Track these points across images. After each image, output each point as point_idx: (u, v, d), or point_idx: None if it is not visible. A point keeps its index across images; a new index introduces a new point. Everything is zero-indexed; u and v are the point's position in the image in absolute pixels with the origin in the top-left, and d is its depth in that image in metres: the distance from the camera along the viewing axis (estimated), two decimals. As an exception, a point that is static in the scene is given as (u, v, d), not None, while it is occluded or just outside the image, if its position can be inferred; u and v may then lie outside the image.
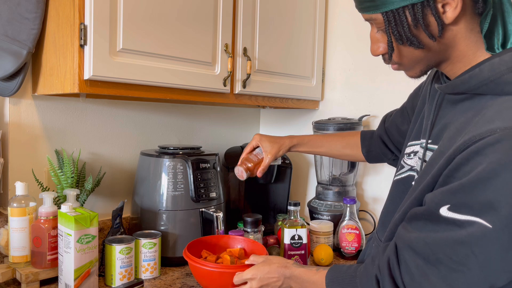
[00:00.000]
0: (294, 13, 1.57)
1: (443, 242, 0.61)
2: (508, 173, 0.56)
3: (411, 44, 0.69)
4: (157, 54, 1.15)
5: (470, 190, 0.59)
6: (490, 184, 0.57)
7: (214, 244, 1.24)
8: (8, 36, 1.10)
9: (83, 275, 1.04)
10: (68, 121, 1.34)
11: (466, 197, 0.60)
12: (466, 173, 0.60)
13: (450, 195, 0.62)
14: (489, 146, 0.59)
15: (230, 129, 1.87)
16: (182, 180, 1.29)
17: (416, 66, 0.74)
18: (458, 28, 0.68)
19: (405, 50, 0.71)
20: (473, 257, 0.59)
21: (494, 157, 0.57)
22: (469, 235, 0.59)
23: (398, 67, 0.76)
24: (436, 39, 0.68)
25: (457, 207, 0.61)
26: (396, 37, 0.70)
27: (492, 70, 0.65)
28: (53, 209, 1.11)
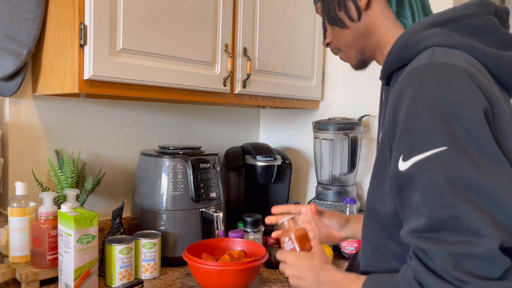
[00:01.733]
0: (294, 13, 1.57)
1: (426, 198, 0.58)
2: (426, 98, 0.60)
3: (337, 24, 0.83)
4: (157, 54, 1.15)
5: (407, 130, 0.61)
6: (418, 114, 0.60)
7: (214, 246, 1.25)
8: (8, 36, 1.10)
9: (83, 275, 1.04)
10: (68, 121, 1.34)
11: (408, 139, 0.61)
12: (399, 120, 0.63)
13: (398, 146, 0.63)
14: (403, 89, 0.64)
15: (230, 129, 1.86)
16: (182, 180, 1.29)
17: (350, 51, 0.85)
18: (374, 14, 0.79)
19: (335, 31, 0.85)
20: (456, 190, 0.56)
21: (411, 91, 0.62)
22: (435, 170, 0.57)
23: (340, 55, 0.88)
24: (354, 21, 0.81)
25: (408, 152, 0.61)
26: (327, 19, 0.84)
27: (403, 37, 0.72)
28: (53, 209, 1.11)
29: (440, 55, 0.65)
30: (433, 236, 0.58)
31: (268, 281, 1.21)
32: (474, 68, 0.64)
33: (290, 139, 1.90)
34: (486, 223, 0.54)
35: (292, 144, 1.89)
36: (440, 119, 0.58)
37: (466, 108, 0.58)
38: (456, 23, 0.70)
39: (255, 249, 1.21)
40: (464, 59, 0.65)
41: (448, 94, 0.59)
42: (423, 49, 0.70)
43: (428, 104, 0.60)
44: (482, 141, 0.57)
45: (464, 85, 0.60)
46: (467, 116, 0.58)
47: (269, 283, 1.20)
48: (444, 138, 0.58)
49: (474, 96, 0.60)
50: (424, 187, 0.58)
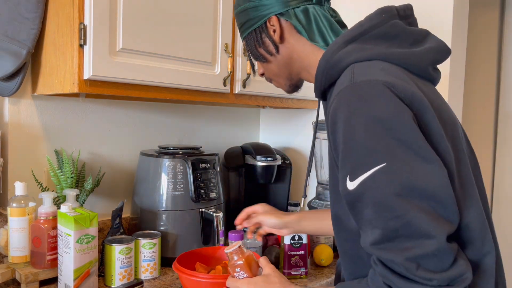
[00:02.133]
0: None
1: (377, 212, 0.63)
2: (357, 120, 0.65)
3: (259, 59, 0.90)
4: (157, 54, 1.15)
5: (347, 153, 0.66)
6: (353, 137, 0.65)
7: (209, 256, 1.17)
8: (8, 36, 1.10)
9: (83, 275, 1.04)
10: (67, 121, 1.34)
11: (350, 161, 0.66)
12: (339, 144, 0.68)
13: (343, 169, 0.67)
14: (335, 113, 0.68)
15: (230, 129, 1.86)
16: (182, 180, 1.29)
17: (279, 79, 0.92)
18: (290, 45, 0.86)
19: (262, 65, 0.92)
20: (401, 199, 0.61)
21: (342, 116, 0.67)
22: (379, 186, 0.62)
23: (274, 84, 0.94)
24: (274, 55, 0.87)
25: (352, 173, 0.65)
26: (252, 56, 0.91)
27: (324, 60, 0.78)
28: (53, 209, 1.10)
29: (359, 73, 0.70)
30: (390, 246, 0.62)
31: (268, 281, 1.21)
32: (392, 75, 0.69)
33: (290, 139, 1.90)
34: (432, 224, 0.61)
35: (292, 144, 1.89)
36: (374, 135, 0.63)
37: (393, 119, 0.63)
38: (366, 36, 0.76)
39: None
40: (381, 69, 0.70)
41: (376, 110, 0.64)
42: (344, 68, 0.75)
43: (361, 122, 0.64)
44: (415, 147, 0.63)
45: (388, 98, 0.65)
46: (396, 127, 0.63)
47: (269, 283, 1.19)
48: (381, 155, 0.63)
49: (398, 106, 0.65)
50: (374, 203, 0.63)
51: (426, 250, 0.60)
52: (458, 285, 0.62)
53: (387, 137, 0.63)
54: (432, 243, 0.60)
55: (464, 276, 0.62)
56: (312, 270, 1.31)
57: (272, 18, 0.84)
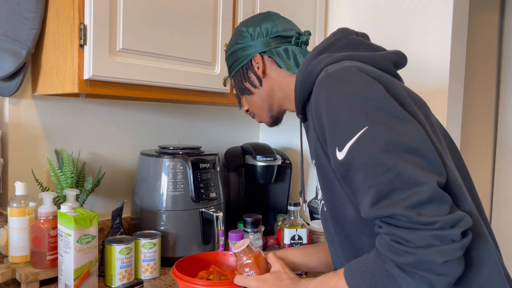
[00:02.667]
0: (294, 13, 1.57)
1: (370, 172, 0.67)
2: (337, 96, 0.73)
3: (245, 92, 1.01)
4: (157, 54, 1.15)
5: (332, 127, 0.72)
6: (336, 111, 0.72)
7: (211, 261, 1.10)
8: (8, 36, 1.10)
9: (83, 275, 1.04)
10: (68, 121, 1.34)
11: (336, 133, 0.72)
12: (324, 122, 0.74)
13: (331, 143, 0.73)
14: (316, 99, 0.76)
15: (230, 129, 1.86)
16: (182, 180, 1.29)
17: (262, 113, 1.02)
18: (271, 78, 0.97)
19: (246, 98, 1.03)
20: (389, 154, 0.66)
21: (323, 97, 0.75)
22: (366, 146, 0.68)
23: (257, 119, 1.05)
24: (257, 87, 0.99)
25: (340, 143, 0.71)
26: (238, 90, 1.03)
27: (300, 72, 0.86)
28: (53, 209, 1.10)
29: (332, 68, 0.79)
30: (387, 202, 0.65)
31: (268, 281, 1.21)
32: (359, 64, 0.78)
33: (290, 139, 1.90)
34: (421, 172, 0.65)
35: (292, 144, 1.89)
36: (354, 107, 0.70)
37: (369, 91, 0.72)
38: (333, 47, 0.86)
39: None
40: (351, 63, 0.79)
41: (352, 87, 0.73)
42: (318, 73, 0.82)
43: (340, 100, 0.72)
44: (392, 110, 0.70)
45: (360, 76, 0.74)
46: (373, 96, 0.71)
47: (269, 283, 1.19)
48: (363, 120, 0.69)
49: (370, 81, 0.73)
50: (364, 164, 0.67)
51: (421, 197, 0.63)
52: (462, 226, 0.63)
53: (365, 106, 0.70)
54: (425, 189, 0.63)
55: (466, 219, 0.64)
56: (312, 270, 1.31)
57: (256, 56, 0.97)
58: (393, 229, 0.65)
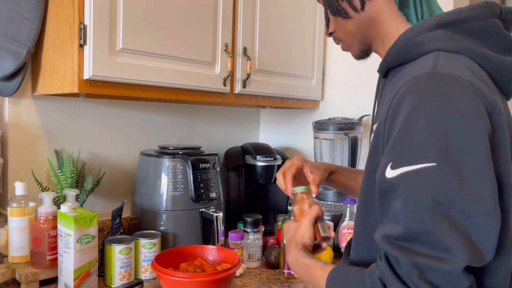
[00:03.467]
0: (294, 12, 1.57)
1: (406, 209, 0.59)
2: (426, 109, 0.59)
3: (339, 14, 0.82)
4: (157, 54, 1.15)
5: (401, 139, 0.61)
6: (415, 125, 0.59)
7: (190, 254, 1.19)
8: (8, 36, 1.10)
9: (83, 275, 1.04)
10: (67, 121, 1.34)
11: (400, 148, 0.61)
12: (396, 127, 0.62)
13: (389, 153, 0.63)
14: (403, 96, 0.63)
15: (230, 129, 1.86)
16: (182, 180, 1.29)
17: (353, 42, 0.84)
18: (377, 4, 0.78)
19: (338, 22, 0.84)
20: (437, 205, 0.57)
21: (411, 100, 0.61)
22: (420, 184, 0.58)
23: (342, 46, 0.88)
24: (358, 11, 0.79)
25: (397, 161, 0.61)
26: (329, 9, 0.83)
27: (406, 37, 0.72)
28: (53, 209, 1.10)
29: (444, 64, 0.64)
30: (404, 245, 0.59)
31: (268, 281, 1.21)
32: (476, 77, 0.63)
33: (290, 139, 1.90)
34: (459, 243, 0.56)
35: (292, 144, 1.89)
36: (435, 133, 0.58)
37: (464, 125, 0.58)
38: (460, 26, 0.69)
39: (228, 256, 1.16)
40: (467, 67, 0.64)
41: (449, 108, 0.58)
42: (425, 52, 0.69)
43: (427, 116, 0.59)
44: (474, 161, 0.57)
45: (467, 100, 0.59)
46: (464, 134, 0.57)
47: (269, 283, 1.20)
48: (435, 154, 0.57)
49: (475, 112, 0.59)
50: (406, 198, 0.59)
51: (438, 265, 0.56)
52: None
53: (449, 140, 0.57)
54: (450, 261, 0.56)
55: None
56: (312, 270, 1.31)
57: None
58: (388, 271, 0.60)
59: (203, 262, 1.16)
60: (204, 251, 1.20)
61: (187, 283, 1.01)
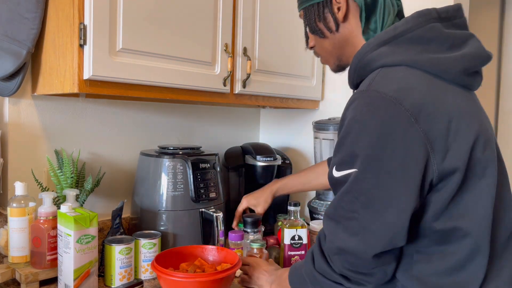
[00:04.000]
0: (294, 12, 1.57)
1: (339, 198, 0.76)
2: (356, 125, 0.72)
3: (317, 33, 0.90)
4: (157, 54, 1.15)
5: (340, 148, 0.76)
6: (350, 137, 0.73)
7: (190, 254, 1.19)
8: (8, 36, 1.10)
9: (83, 275, 1.04)
10: (67, 121, 1.34)
11: (340, 155, 0.76)
12: (339, 137, 0.77)
13: (334, 157, 0.79)
14: (347, 109, 0.75)
15: (230, 129, 1.86)
16: (182, 180, 1.29)
17: (329, 58, 0.92)
18: (350, 26, 0.86)
19: (316, 39, 0.92)
20: (357, 202, 0.73)
21: (350, 115, 0.73)
22: (349, 183, 0.74)
23: (321, 60, 0.96)
24: (333, 32, 0.87)
25: (339, 165, 0.76)
26: (308, 28, 0.91)
27: (356, 58, 0.81)
28: (53, 209, 1.10)
29: (378, 81, 0.73)
30: (332, 225, 0.78)
31: (268, 281, 1.21)
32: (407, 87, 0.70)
33: (290, 139, 1.90)
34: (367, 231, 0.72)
35: (292, 144, 1.89)
36: (361, 144, 0.71)
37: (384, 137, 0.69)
38: (399, 39, 0.76)
39: (228, 256, 1.17)
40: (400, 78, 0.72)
41: (373, 123, 0.70)
42: (373, 69, 0.78)
43: (356, 131, 0.72)
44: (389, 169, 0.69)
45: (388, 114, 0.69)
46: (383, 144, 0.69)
47: (269, 284, 1.19)
48: (359, 162, 0.72)
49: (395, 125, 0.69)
50: (342, 191, 0.76)
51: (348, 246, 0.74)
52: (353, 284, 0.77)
53: (372, 150, 0.70)
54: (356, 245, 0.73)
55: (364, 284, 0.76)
56: (312, 270, 1.31)
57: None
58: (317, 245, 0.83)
59: (203, 262, 1.16)
60: (204, 251, 1.20)
61: (187, 283, 1.01)
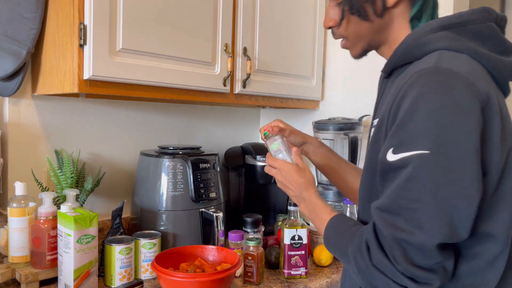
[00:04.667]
0: (294, 13, 1.57)
1: (398, 187, 0.67)
2: (426, 102, 0.65)
3: (359, 14, 0.83)
4: (157, 54, 1.15)
5: (402, 128, 0.67)
6: (417, 115, 0.65)
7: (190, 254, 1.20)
8: (8, 36, 1.10)
9: (83, 275, 1.04)
10: (67, 121, 1.34)
11: (401, 135, 0.67)
12: (398, 117, 0.69)
13: (391, 139, 0.69)
14: (409, 87, 0.68)
15: (230, 129, 1.86)
16: (182, 180, 1.29)
17: (359, 42, 0.86)
18: (396, 12, 0.82)
19: (354, 21, 0.84)
20: (423, 189, 0.64)
21: (415, 92, 0.67)
22: (413, 168, 0.65)
23: (344, 43, 0.88)
24: (378, 16, 0.82)
25: (397, 147, 0.68)
26: (349, 5, 0.83)
27: (412, 37, 0.77)
28: (53, 209, 1.10)
29: (447, 60, 0.69)
30: (389, 218, 0.68)
31: (268, 281, 1.21)
32: (475, 74, 0.68)
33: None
34: (434, 222, 0.64)
35: (292, 144, 1.89)
36: (431, 124, 0.65)
37: (458, 119, 0.64)
38: (462, 28, 0.74)
39: (228, 257, 1.17)
40: (467, 64, 0.70)
41: (446, 102, 0.65)
42: (430, 51, 0.74)
43: (425, 108, 0.65)
44: (462, 152, 0.64)
45: (463, 95, 0.65)
46: (456, 126, 0.64)
47: (269, 283, 1.20)
48: (429, 143, 0.64)
49: (469, 108, 0.65)
50: (401, 178, 0.67)
51: (410, 239, 0.65)
52: (420, 285, 0.66)
53: (443, 130, 0.64)
54: (421, 236, 0.64)
55: (430, 282, 0.66)
56: (312, 270, 1.31)
57: None
58: (372, 238, 0.70)
59: (203, 262, 1.16)
60: (204, 251, 1.20)
61: (187, 283, 1.01)
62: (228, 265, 1.12)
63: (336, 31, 0.88)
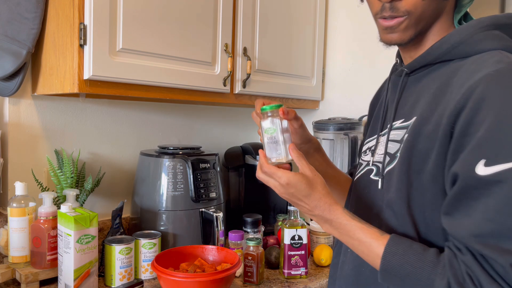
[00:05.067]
0: (294, 13, 1.57)
1: (500, 206, 0.57)
2: None
3: None
4: (157, 54, 1.15)
5: (496, 135, 0.58)
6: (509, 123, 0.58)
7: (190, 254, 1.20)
8: (8, 36, 1.10)
9: (83, 275, 1.04)
10: (67, 121, 1.34)
11: (496, 145, 0.58)
12: (482, 122, 0.59)
13: (480, 150, 0.59)
14: (489, 89, 0.60)
15: (230, 129, 1.86)
16: (182, 180, 1.29)
17: (420, 22, 0.73)
18: (447, 3, 0.74)
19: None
20: None
21: (497, 97, 0.59)
22: None
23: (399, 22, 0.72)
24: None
25: (493, 158, 0.58)
26: None
27: (461, 33, 0.70)
28: (53, 209, 1.10)
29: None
30: (496, 243, 0.57)
31: (268, 281, 1.21)
32: None
33: (290, 139, 1.89)
34: None
35: (292, 144, 1.89)
36: None
37: None
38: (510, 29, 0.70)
39: (228, 257, 1.17)
40: None
41: None
42: (483, 50, 0.68)
43: None
44: None
45: None
46: None
47: (269, 283, 1.20)
48: None
49: None
50: (505, 196, 0.57)
51: None
52: None
53: None
54: None
55: None
56: (312, 270, 1.31)
57: None
58: (477, 268, 0.59)
59: (203, 262, 1.16)
60: (204, 251, 1.20)
61: (187, 283, 1.01)
62: (228, 265, 1.12)
63: (399, 5, 0.71)
